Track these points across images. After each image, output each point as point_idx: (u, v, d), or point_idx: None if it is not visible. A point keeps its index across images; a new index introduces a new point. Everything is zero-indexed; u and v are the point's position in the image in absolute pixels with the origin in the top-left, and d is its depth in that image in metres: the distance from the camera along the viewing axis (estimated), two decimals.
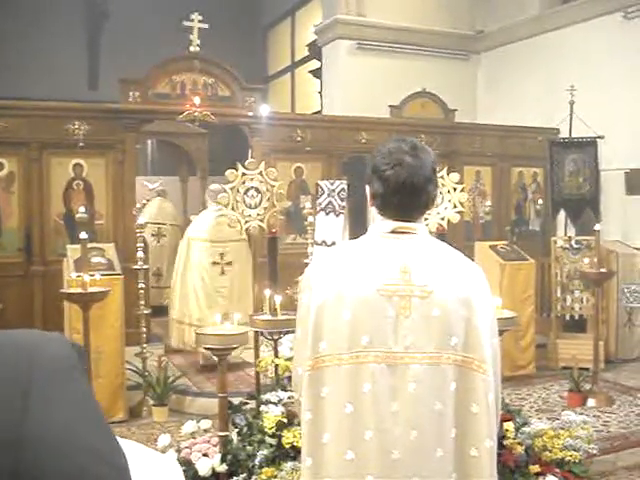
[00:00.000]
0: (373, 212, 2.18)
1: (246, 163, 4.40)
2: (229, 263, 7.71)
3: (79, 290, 5.45)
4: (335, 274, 2.09)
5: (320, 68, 12.70)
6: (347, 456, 2.01)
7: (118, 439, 1.01)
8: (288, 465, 3.51)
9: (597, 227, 7.21)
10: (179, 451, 4.09)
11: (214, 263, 7.64)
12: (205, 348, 3.91)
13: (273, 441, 3.76)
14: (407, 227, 2.09)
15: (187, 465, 3.98)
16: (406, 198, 2.09)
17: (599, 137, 9.46)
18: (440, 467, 1.99)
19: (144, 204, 8.54)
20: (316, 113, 12.91)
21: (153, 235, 10.50)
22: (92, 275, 5.57)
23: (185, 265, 7.70)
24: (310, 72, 13.78)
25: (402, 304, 2.01)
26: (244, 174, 4.34)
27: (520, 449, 4.00)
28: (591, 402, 6.83)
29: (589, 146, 9.61)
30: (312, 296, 2.09)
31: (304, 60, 14.91)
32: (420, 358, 1.99)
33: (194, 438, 4.18)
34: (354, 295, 2.02)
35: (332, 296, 2.05)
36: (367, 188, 2.25)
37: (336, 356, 2.02)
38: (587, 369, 7.27)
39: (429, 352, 1.99)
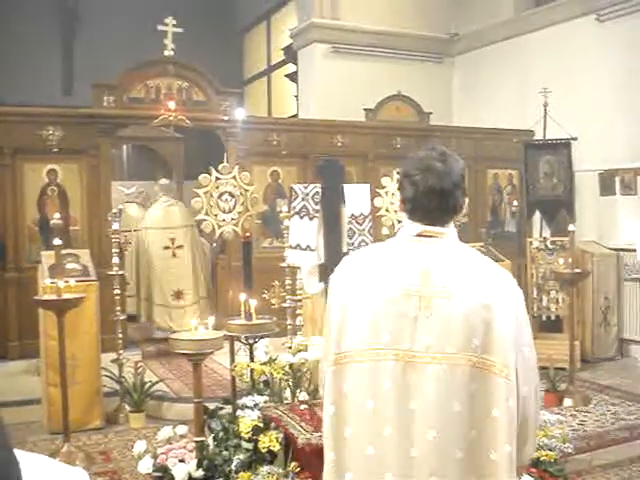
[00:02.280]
0: (403, 217, 2.24)
1: (219, 167, 4.39)
2: (180, 247, 8.85)
3: (53, 297, 5.41)
4: (359, 275, 2.19)
5: (296, 72, 12.70)
6: (367, 451, 2.06)
7: (25, 453, 1.00)
8: (264, 469, 3.50)
9: (572, 228, 7.27)
10: (155, 457, 4.07)
11: (165, 247, 8.78)
12: (180, 354, 3.88)
13: (249, 445, 3.75)
14: (433, 231, 2.14)
15: (163, 471, 3.96)
16: (433, 202, 2.14)
17: (573, 139, 9.54)
18: (459, 469, 2.02)
19: (120, 209, 8.45)
20: (292, 117, 12.91)
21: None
22: (67, 281, 5.53)
23: (140, 251, 8.89)
24: (286, 76, 13.77)
25: (423, 305, 2.07)
26: (218, 178, 4.33)
27: None
28: (568, 402, 6.88)
29: (563, 147, 9.68)
30: (336, 297, 2.21)
31: (280, 64, 14.91)
32: (440, 358, 2.03)
33: (170, 444, 4.16)
34: (376, 295, 2.11)
35: (355, 296, 2.14)
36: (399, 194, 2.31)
37: (358, 353, 2.09)
38: (563, 369, 7.32)
39: (449, 353, 2.03)
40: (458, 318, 2.04)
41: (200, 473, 3.83)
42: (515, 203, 10.54)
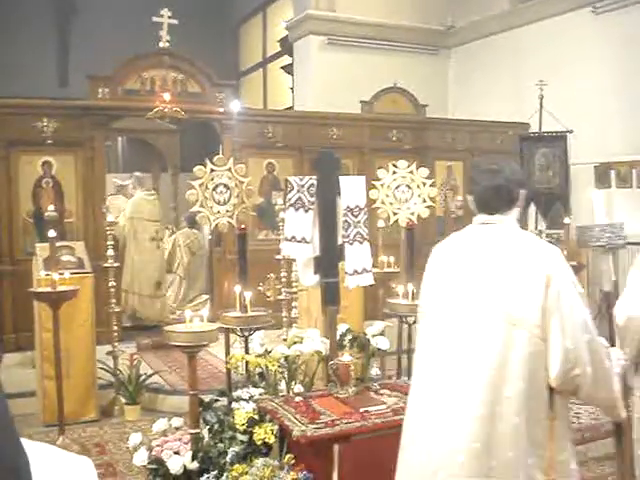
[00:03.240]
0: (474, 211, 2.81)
1: (214, 159, 4.37)
2: (161, 239, 9.54)
3: (48, 289, 5.40)
4: (440, 252, 2.84)
5: (292, 64, 12.68)
6: None
7: (30, 441, 0.99)
8: (259, 461, 3.50)
9: (567, 220, 7.28)
10: (150, 449, 4.07)
11: (152, 239, 9.20)
12: (175, 346, 3.88)
13: (244, 438, 3.75)
14: (490, 219, 2.71)
15: (159, 463, 3.96)
16: (488, 197, 2.71)
17: (568, 131, 9.54)
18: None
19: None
20: (288, 109, 12.89)
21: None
22: (61, 274, 5.52)
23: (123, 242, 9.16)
24: (282, 68, 13.75)
25: (477, 273, 2.61)
26: (213, 170, 4.32)
27: None
28: None
29: (559, 140, 9.69)
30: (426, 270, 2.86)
31: (276, 56, 14.88)
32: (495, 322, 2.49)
33: (165, 436, 4.16)
34: (446, 266, 2.76)
35: (433, 266, 2.82)
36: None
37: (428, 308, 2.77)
38: None
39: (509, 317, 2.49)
40: (507, 286, 2.52)
41: (195, 465, 3.83)
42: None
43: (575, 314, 2.48)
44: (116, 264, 6.81)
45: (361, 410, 3.58)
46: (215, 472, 3.69)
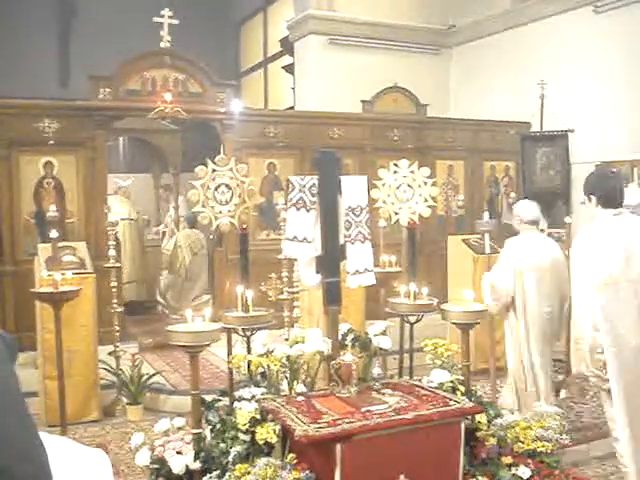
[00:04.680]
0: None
1: (216, 159, 4.37)
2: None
3: (50, 289, 5.40)
4: (593, 238, 4.22)
5: (293, 64, 12.68)
6: None
7: (48, 435, 1.00)
8: (262, 461, 3.50)
9: (568, 220, 7.27)
10: (153, 449, 4.07)
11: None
12: (177, 346, 3.88)
13: (246, 437, 3.75)
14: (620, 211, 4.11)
15: (161, 463, 3.96)
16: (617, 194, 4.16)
17: (570, 130, 9.54)
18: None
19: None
20: (289, 109, 12.89)
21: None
22: (63, 274, 5.52)
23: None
24: (283, 68, 13.75)
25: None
26: (214, 170, 4.31)
27: (492, 441, 4.02)
28: (564, 393, 6.88)
29: (560, 139, 9.69)
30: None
31: (277, 56, 14.89)
32: None
33: (168, 436, 4.16)
34: (611, 246, 4.07)
35: (597, 248, 4.13)
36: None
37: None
38: (560, 360, 7.32)
39: None
40: None
41: (197, 465, 3.83)
42: (512, 195, 10.53)
43: None
44: (117, 264, 6.82)
45: (363, 410, 3.58)
46: (217, 472, 3.69)
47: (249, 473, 3.47)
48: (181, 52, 8.67)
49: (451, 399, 3.81)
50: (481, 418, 4.10)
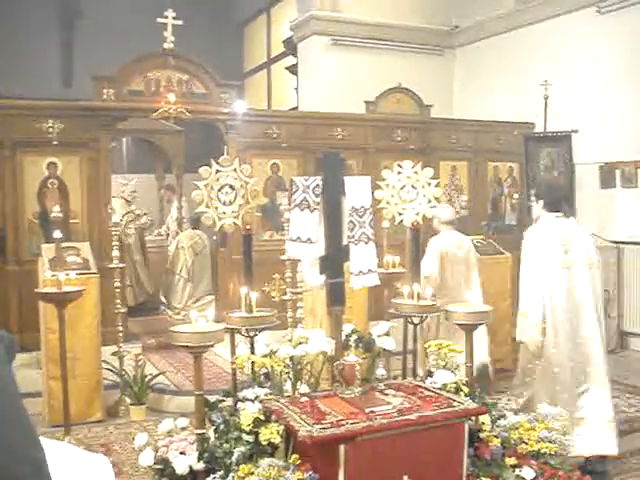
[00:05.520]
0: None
1: (220, 160, 4.37)
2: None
3: (54, 289, 5.41)
4: (539, 232, 5.36)
5: (296, 64, 12.68)
6: None
7: (49, 440, 1.00)
8: (265, 462, 3.50)
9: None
10: (156, 450, 4.07)
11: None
12: (180, 346, 3.88)
13: (250, 438, 3.74)
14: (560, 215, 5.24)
15: (164, 464, 3.96)
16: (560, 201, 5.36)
17: (573, 131, 9.54)
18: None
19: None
20: (292, 109, 12.89)
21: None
22: (67, 274, 5.53)
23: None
24: (286, 68, 13.76)
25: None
26: (218, 171, 4.31)
27: (496, 442, 4.02)
28: None
29: (564, 140, 9.68)
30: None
31: (280, 56, 14.89)
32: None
33: (171, 436, 4.16)
34: (552, 240, 5.23)
35: (542, 241, 5.27)
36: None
37: None
38: None
39: None
40: None
41: (201, 465, 3.83)
42: (515, 196, 10.53)
43: None
44: (121, 265, 6.83)
45: (367, 410, 3.58)
46: (221, 472, 3.69)
47: (252, 474, 3.47)
48: (184, 53, 8.67)
49: (455, 400, 3.81)
50: (485, 419, 4.10)
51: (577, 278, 5.07)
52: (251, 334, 4.35)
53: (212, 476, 3.69)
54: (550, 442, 4.19)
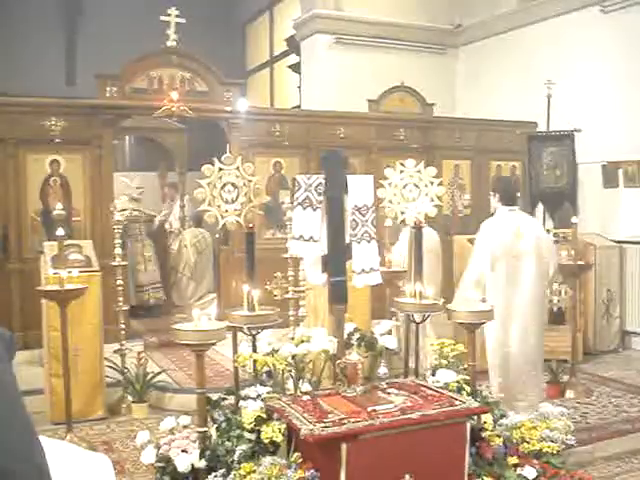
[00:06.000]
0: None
1: (222, 158, 4.37)
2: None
3: (56, 287, 5.41)
4: (492, 225, 5.85)
5: (299, 63, 12.68)
6: None
7: (50, 440, 1.00)
8: (267, 460, 3.50)
9: (574, 220, 7.26)
10: (158, 448, 4.07)
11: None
12: (182, 344, 3.88)
13: (252, 436, 3.75)
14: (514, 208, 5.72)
15: (166, 462, 3.96)
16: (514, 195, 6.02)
17: (576, 130, 9.52)
18: None
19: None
20: (295, 108, 12.89)
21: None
22: (69, 272, 5.53)
23: None
24: (289, 67, 13.75)
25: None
26: (221, 169, 4.31)
27: (498, 441, 4.02)
28: (570, 393, 6.89)
29: (566, 139, 9.67)
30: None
31: (283, 55, 14.89)
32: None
33: (173, 434, 4.16)
34: (504, 232, 5.71)
35: (494, 232, 5.76)
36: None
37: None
38: (566, 361, 7.33)
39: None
40: None
41: (203, 463, 3.83)
42: (518, 195, 10.51)
43: None
44: (124, 262, 6.83)
45: (369, 409, 3.58)
46: (223, 470, 3.69)
47: (254, 472, 3.47)
48: (187, 51, 8.68)
49: (457, 399, 3.81)
50: (487, 418, 4.10)
51: (525, 266, 5.54)
52: (253, 332, 4.35)
53: (214, 474, 3.70)
54: (552, 441, 4.19)
